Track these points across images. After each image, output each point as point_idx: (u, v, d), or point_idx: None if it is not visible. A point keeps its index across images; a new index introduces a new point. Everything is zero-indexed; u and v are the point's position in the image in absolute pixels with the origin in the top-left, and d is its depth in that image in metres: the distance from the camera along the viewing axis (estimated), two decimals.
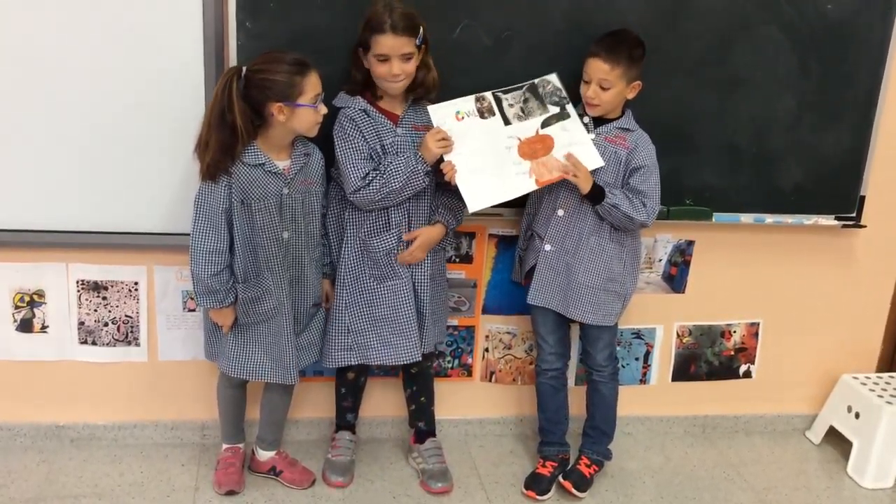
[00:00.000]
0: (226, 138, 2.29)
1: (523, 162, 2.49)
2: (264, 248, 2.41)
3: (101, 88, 2.49)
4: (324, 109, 2.35)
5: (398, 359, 2.60)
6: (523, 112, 2.54)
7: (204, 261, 2.36)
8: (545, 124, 2.53)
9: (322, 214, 2.55)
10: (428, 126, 2.48)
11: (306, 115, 2.31)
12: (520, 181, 2.47)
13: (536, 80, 2.57)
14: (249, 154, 2.35)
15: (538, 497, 2.74)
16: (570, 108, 2.56)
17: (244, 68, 2.29)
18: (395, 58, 2.34)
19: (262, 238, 2.40)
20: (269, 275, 2.44)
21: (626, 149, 2.53)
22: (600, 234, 2.58)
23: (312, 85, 2.29)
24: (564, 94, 2.56)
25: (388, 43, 2.33)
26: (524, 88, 2.56)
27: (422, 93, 2.48)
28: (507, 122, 2.52)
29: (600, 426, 2.83)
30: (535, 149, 2.50)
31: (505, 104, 2.54)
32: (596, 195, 2.49)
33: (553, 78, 2.57)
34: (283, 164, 2.40)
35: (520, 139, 2.50)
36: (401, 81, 2.40)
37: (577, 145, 2.51)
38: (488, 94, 2.53)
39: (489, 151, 2.47)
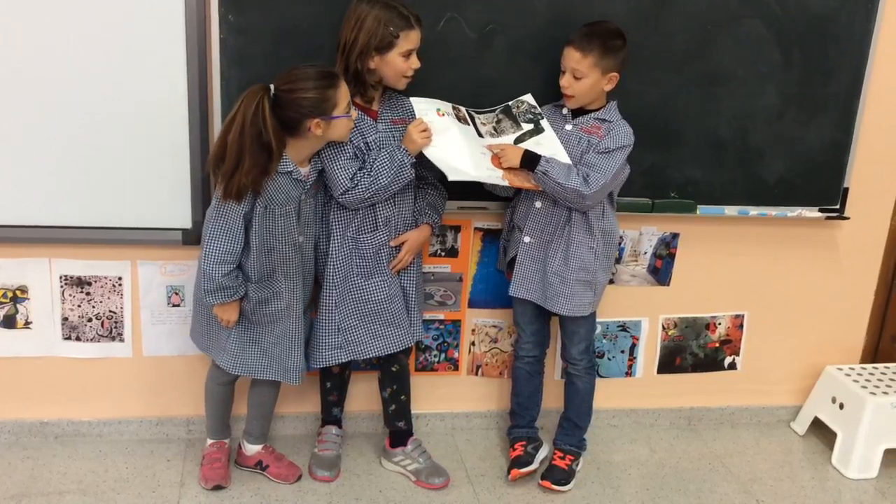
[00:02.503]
0: (263, 159, 2.27)
1: (496, 169, 2.48)
2: (280, 251, 2.42)
3: (82, 83, 2.47)
4: (355, 114, 2.37)
5: (390, 348, 2.61)
6: (496, 131, 2.55)
7: (218, 261, 2.34)
8: (518, 141, 2.52)
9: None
10: (405, 119, 2.49)
11: (342, 125, 2.33)
12: (495, 176, 2.47)
13: (510, 102, 2.59)
14: (282, 163, 2.34)
15: (523, 471, 2.76)
16: (544, 122, 2.55)
17: (272, 87, 2.27)
18: (414, 51, 2.38)
19: (280, 242, 2.41)
20: (282, 278, 2.45)
21: (600, 137, 2.53)
22: (572, 225, 2.58)
23: (344, 94, 2.30)
24: (539, 110, 2.57)
25: (416, 37, 2.37)
26: (497, 111, 2.58)
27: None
28: (480, 135, 2.53)
29: (573, 418, 2.85)
30: None
31: (478, 122, 2.55)
32: (532, 163, 2.45)
33: (527, 98, 2.59)
34: (304, 170, 2.41)
35: (493, 151, 2.50)
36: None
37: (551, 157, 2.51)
38: (463, 109, 2.54)
39: (466, 147, 2.46)
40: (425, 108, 2.46)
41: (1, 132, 2.49)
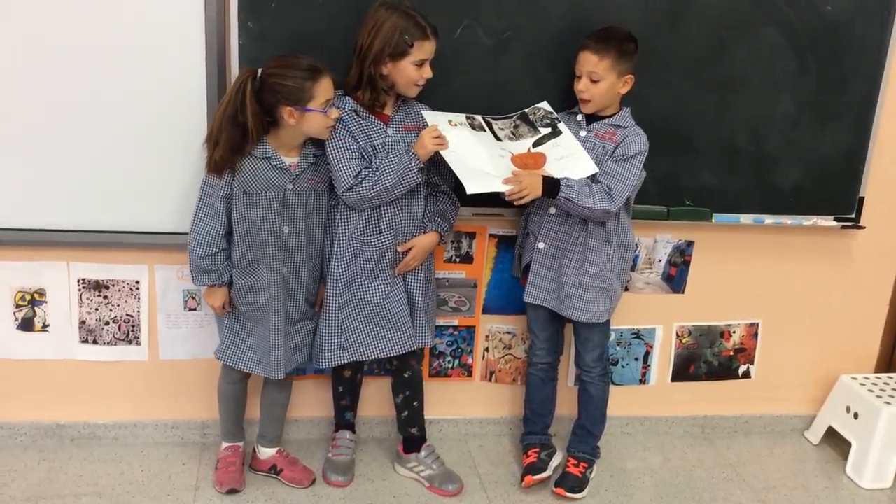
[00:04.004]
0: (236, 138, 2.34)
1: (516, 170, 2.48)
2: (262, 238, 2.44)
3: (102, 88, 2.49)
4: (335, 113, 2.37)
5: (392, 350, 2.61)
6: (514, 135, 2.55)
7: (198, 242, 2.43)
8: (537, 144, 2.53)
9: (325, 216, 2.55)
10: (417, 126, 2.50)
11: (316, 120, 2.34)
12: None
13: (527, 109, 2.59)
14: (258, 147, 2.38)
15: (536, 477, 2.76)
16: (561, 126, 2.56)
17: (259, 70, 2.32)
18: (428, 61, 2.40)
19: (261, 229, 2.43)
20: (264, 266, 2.46)
21: (615, 143, 2.54)
22: (588, 230, 2.58)
23: (323, 90, 2.32)
24: (555, 115, 2.58)
25: (430, 48, 2.39)
26: (514, 117, 2.58)
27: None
28: (497, 139, 2.53)
29: (586, 426, 2.84)
30: (525, 163, 2.49)
31: (495, 127, 2.55)
32: (552, 191, 2.45)
33: (544, 105, 2.59)
34: (290, 160, 2.43)
35: (511, 153, 2.50)
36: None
37: (570, 157, 2.51)
38: (478, 117, 2.54)
39: (484, 153, 2.47)
40: (437, 119, 2.47)
41: (20, 136, 2.51)
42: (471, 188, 2.39)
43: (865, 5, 2.78)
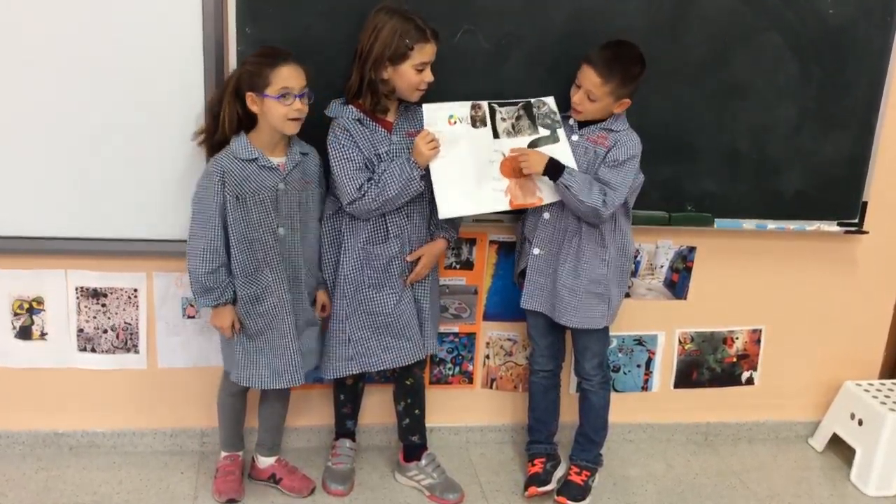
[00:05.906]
0: (210, 125, 2.39)
1: (502, 179, 2.47)
2: (262, 242, 2.41)
3: (100, 95, 2.49)
4: (297, 105, 2.32)
5: (401, 361, 2.59)
6: (514, 129, 2.53)
7: (199, 258, 2.37)
8: (532, 145, 2.51)
9: (318, 219, 2.54)
10: (420, 132, 2.48)
11: (274, 108, 2.31)
12: (495, 198, 2.46)
13: (533, 100, 2.56)
14: (242, 149, 2.36)
15: (540, 490, 2.74)
16: (560, 132, 2.53)
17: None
18: (429, 65, 2.38)
19: (259, 233, 2.40)
20: (268, 271, 2.43)
21: (606, 147, 2.51)
22: (582, 236, 2.56)
23: (281, 78, 2.28)
24: (558, 117, 2.55)
25: (430, 51, 2.37)
26: (519, 105, 2.56)
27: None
28: (496, 135, 2.51)
29: (588, 434, 2.82)
30: (516, 168, 2.47)
31: (498, 116, 2.53)
32: (555, 172, 2.43)
33: (550, 101, 2.57)
34: (278, 160, 2.41)
35: (504, 154, 2.49)
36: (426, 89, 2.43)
37: None
38: (484, 104, 2.52)
39: (472, 162, 2.46)
40: (436, 116, 2.46)
41: (18, 143, 2.51)
42: (443, 213, 2.40)
43: (867, 10, 2.76)
